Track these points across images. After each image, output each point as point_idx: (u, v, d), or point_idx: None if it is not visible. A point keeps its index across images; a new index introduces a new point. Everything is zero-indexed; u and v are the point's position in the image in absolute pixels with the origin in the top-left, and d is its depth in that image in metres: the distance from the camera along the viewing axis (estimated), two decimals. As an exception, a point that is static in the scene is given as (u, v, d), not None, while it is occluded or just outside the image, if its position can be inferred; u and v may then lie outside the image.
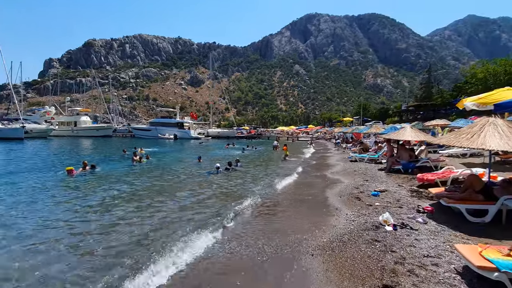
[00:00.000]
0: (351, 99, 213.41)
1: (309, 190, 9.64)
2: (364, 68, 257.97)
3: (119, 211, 7.20)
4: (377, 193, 8.10)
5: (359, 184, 9.78)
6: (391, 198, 7.78)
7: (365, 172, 12.51)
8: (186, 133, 50.93)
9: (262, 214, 7.08)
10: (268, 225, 6.21)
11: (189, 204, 7.98)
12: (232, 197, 8.72)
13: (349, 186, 9.65)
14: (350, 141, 31.63)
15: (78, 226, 6.10)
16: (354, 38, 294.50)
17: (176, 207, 7.56)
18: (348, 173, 12.63)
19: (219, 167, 13.52)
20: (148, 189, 9.94)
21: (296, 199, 8.56)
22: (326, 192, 9.09)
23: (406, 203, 7.31)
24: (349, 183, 10.27)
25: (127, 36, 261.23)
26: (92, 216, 6.84)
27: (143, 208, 7.47)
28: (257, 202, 8.10)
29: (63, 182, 11.18)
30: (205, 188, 10.14)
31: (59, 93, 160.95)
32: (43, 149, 29.10)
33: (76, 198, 8.53)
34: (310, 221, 6.29)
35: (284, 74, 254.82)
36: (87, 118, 55.78)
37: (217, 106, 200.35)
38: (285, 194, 9.31)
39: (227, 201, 8.17)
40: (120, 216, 6.76)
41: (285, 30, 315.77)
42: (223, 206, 7.61)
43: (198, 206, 7.75)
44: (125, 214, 6.91)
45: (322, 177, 12.25)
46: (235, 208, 7.34)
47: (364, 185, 9.66)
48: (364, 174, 11.95)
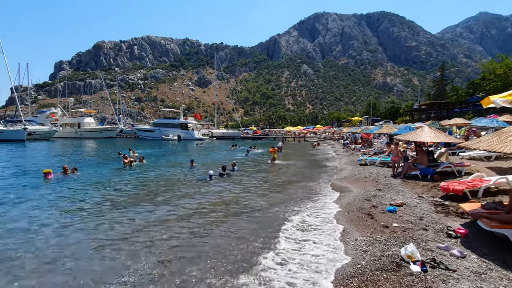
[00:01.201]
0: (360, 99, 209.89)
1: (310, 203, 8.16)
2: (373, 67, 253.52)
3: (58, 227, 5.90)
4: (394, 209, 6.57)
5: (370, 195, 8.24)
6: (412, 215, 6.26)
7: (377, 179, 10.94)
8: (189, 134, 49.82)
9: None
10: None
11: (140, 226, 6.46)
12: (211, 216, 7.30)
13: (358, 197, 8.13)
14: (359, 142, 29.89)
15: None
16: (363, 36, 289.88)
17: (123, 232, 5.96)
18: (358, 180, 11.07)
19: (212, 174, 12.14)
20: (117, 199, 8.62)
21: (291, 212, 7.11)
22: (329, 206, 7.60)
23: (431, 222, 5.79)
24: (359, 193, 8.74)
25: (136, 37, 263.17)
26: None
27: (88, 228, 6.14)
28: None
29: (27, 188, 9.97)
30: (183, 200, 8.77)
31: (69, 95, 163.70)
32: (39, 151, 28.32)
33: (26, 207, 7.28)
34: (307, 251, 4.85)
35: (291, 74, 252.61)
36: (91, 120, 55.29)
37: (224, 106, 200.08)
38: (279, 206, 7.86)
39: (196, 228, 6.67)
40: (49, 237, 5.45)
41: (293, 30, 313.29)
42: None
43: (147, 232, 6.05)
44: (61, 232, 5.61)
45: (326, 184, 10.76)
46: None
47: (377, 196, 8.12)
48: (376, 181, 10.38)
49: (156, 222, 6.53)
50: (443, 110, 48.49)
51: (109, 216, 6.97)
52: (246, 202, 8.26)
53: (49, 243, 5.34)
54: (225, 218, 6.83)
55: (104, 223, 6.48)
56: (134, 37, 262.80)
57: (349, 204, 7.50)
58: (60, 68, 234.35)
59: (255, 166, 16.76)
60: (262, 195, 9.10)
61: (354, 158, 19.09)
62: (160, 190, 10.09)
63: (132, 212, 7.27)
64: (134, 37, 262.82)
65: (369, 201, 7.56)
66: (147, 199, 8.67)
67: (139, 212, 7.32)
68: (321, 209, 7.39)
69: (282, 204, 7.97)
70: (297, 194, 9.09)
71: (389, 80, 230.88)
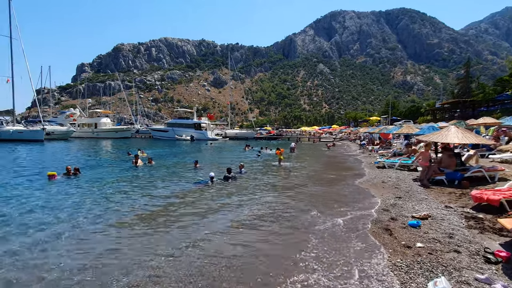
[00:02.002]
0: (378, 98, 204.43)
1: (316, 212, 7.27)
2: (392, 65, 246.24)
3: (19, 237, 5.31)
4: (417, 223, 5.59)
5: (389, 204, 7.25)
6: (439, 231, 5.27)
7: (396, 184, 9.86)
8: (203, 134, 49.58)
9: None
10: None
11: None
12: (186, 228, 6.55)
13: (376, 207, 7.16)
14: (377, 143, 28.44)
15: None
16: (381, 34, 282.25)
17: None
18: (375, 185, 10.03)
19: (213, 176, 11.41)
20: (107, 204, 8.04)
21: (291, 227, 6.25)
22: (339, 218, 6.68)
23: (463, 241, 4.80)
24: (376, 201, 7.76)
25: (153, 39, 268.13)
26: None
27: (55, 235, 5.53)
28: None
29: (31, 189, 9.61)
30: (170, 210, 8.08)
31: (90, 96, 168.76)
32: (53, 150, 28.66)
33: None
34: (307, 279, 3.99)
35: (307, 74, 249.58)
36: (107, 120, 56.23)
37: (239, 106, 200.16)
38: (280, 220, 7.01)
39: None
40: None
41: (309, 29, 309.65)
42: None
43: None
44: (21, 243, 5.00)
45: (337, 188, 9.79)
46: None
47: (397, 205, 7.12)
48: (396, 187, 9.33)
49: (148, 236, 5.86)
50: (468, 109, 45.75)
51: (79, 230, 6.37)
52: (247, 210, 7.46)
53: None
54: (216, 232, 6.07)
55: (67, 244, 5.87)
56: (152, 39, 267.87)
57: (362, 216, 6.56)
58: (82, 70, 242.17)
59: (265, 168, 15.94)
60: (266, 202, 8.28)
61: (371, 160, 17.91)
62: (158, 198, 9.47)
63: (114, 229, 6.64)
64: (152, 39, 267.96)
65: (387, 212, 6.59)
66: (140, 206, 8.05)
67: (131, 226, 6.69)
68: (330, 221, 6.49)
69: (287, 216, 7.12)
70: (303, 202, 8.20)
71: (409, 78, 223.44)
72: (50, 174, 12.31)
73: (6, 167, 15.70)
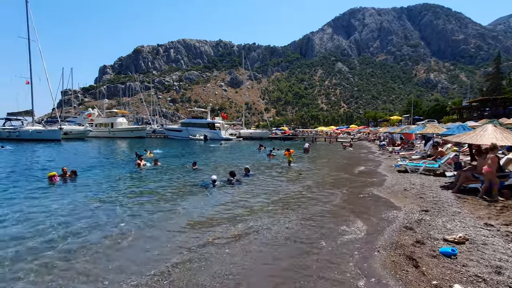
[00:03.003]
0: (399, 97, 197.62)
1: (324, 230, 6.06)
2: (414, 63, 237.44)
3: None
4: (452, 251, 4.27)
5: (413, 220, 5.93)
6: (483, 262, 3.97)
7: (421, 192, 8.45)
8: (216, 134, 48.99)
9: None
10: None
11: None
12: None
13: (396, 223, 5.87)
14: (398, 143, 26.55)
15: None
16: (403, 31, 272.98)
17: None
18: (395, 194, 8.65)
19: (215, 180, 10.42)
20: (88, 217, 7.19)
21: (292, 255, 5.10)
22: (350, 236, 5.45)
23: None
24: (396, 215, 6.46)
25: (172, 41, 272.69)
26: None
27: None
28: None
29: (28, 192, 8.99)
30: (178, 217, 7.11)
31: (111, 97, 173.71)
32: (64, 150, 28.76)
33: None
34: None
35: (325, 73, 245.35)
36: (123, 120, 56.93)
37: (256, 106, 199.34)
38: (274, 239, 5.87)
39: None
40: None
41: (327, 27, 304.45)
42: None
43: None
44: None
45: (348, 196, 8.51)
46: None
47: (423, 221, 5.80)
48: (421, 197, 7.93)
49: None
50: (499, 107, 42.47)
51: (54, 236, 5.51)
52: (241, 225, 6.39)
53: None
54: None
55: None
56: (171, 41, 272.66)
57: (381, 236, 5.30)
58: (104, 72, 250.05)
59: (274, 171, 14.79)
60: (267, 212, 7.16)
61: (391, 162, 16.34)
62: (156, 202, 8.57)
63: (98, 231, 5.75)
64: (170, 41, 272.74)
65: (411, 232, 5.29)
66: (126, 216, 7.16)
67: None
68: (338, 239, 5.29)
69: (277, 235, 5.96)
70: (304, 215, 6.99)
71: (432, 76, 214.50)
72: (51, 175, 11.79)
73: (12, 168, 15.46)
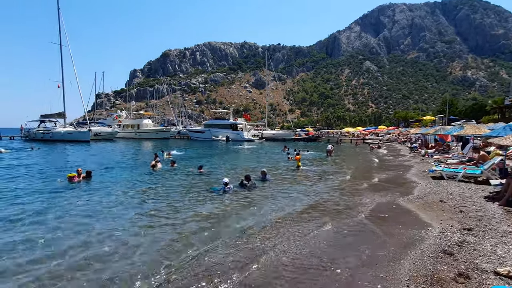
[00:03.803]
0: (432, 96, 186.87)
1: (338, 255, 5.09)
2: (449, 60, 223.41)
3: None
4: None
5: (452, 242, 4.80)
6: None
7: (461, 205, 7.16)
8: (239, 135, 48.63)
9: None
10: None
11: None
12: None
13: (429, 246, 4.77)
14: (432, 146, 24.46)
15: None
16: (436, 26, 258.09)
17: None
18: (429, 206, 7.41)
19: (227, 183, 9.71)
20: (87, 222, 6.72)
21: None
22: (360, 268, 4.44)
23: None
24: (431, 234, 5.33)
25: (198, 44, 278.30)
26: None
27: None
28: None
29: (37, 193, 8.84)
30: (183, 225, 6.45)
31: (141, 100, 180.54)
32: (93, 151, 29.56)
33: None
34: None
35: (352, 72, 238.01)
36: (148, 121, 58.39)
37: (280, 107, 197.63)
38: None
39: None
40: None
41: (354, 25, 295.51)
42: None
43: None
44: None
45: (368, 207, 7.38)
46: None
47: (466, 245, 4.66)
48: (461, 210, 6.67)
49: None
50: (550, 106, 38.27)
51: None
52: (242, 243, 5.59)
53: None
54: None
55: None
56: (197, 44, 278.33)
57: (412, 263, 4.25)
58: (134, 75, 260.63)
59: (290, 176, 13.84)
60: (270, 227, 6.30)
61: (424, 167, 14.76)
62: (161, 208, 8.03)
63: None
64: (196, 44, 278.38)
65: (451, 258, 4.20)
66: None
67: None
68: (356, 264, 4.31)
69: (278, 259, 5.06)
70: (310, 234, 6.02)
71: (469, 74, 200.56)
72: (71, 175, 11.74)
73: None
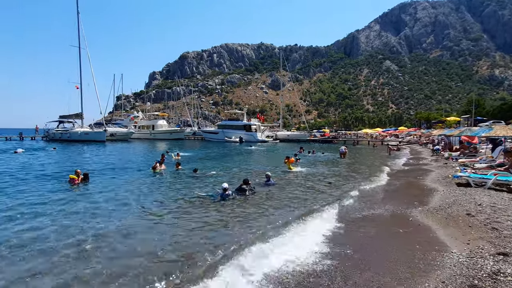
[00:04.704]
0: (457, 96, 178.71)
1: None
2: (475, 58, 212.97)
3: None
4: None
5: (485, 273, 3.75)
6: None
7: (494, 219, 5.98)
8: (252, 136, 47.92)
9: None
10: None
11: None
12: None
13: (453, 275, 3.74)
14: (456, 148, 22.68)
15: None
16: (461, 24, 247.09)
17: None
18: (453, 219, 6.28)
19: (226, 188, 8.90)
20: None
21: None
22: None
23: None
24: (456, 260, 4.28)
25: (215, 46, 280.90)
26: None
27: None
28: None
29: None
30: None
31: (159, 101, 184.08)
32: (107, 150, 29.71)
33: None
34: None
35: (372, 72, 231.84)
36: (163, 122, 58.86)
37: (297, 108, 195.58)
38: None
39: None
40: None
41: (374, 24, 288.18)
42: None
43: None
44: None
45: (371, 222, 6.32)
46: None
47: (501, 275, 3.61)
48: (494, 227, 5.52)
49: None
50: None
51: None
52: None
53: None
54: None
55: None
56: (214, 46, 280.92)
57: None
58: (153, 78, 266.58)
59: (299, 178, 12.88)
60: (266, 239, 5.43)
61: (447, 172, 13.37)
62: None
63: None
64: (213, 46, 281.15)
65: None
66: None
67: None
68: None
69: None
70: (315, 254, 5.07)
71: (497, 72, 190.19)
72: (72, 177, 11.35)
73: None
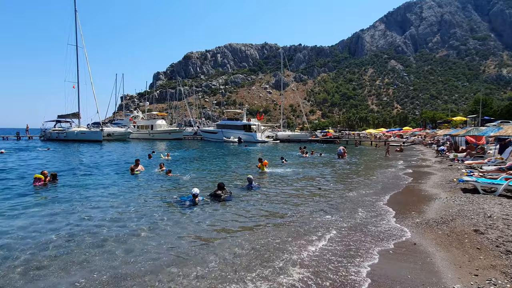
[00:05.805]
0: (463, 96, 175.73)
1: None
2: (483, 57, 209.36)
3: None
4: None
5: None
6: None
7: (506, 239, 4.80)
8: (251, 136, 46.72)
9: None
10: None
11: None
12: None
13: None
14: (462, 149, 21.32)
15: None
16: (468, 23, 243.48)
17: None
18: (457, 237, 5.11)
19: (196, 195, 7.83)
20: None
21: None
22: None
23: None
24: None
25: (219, 46, 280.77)
26: None
27: None
28: None
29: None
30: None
31: (163, 101, 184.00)
32: (102, 150, 28.83)
33: None
34: None
35: (376, 72, 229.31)
36: (162, 122, 57.94)
37: (301, 108, 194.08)
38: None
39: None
40: None
41: (379, 23, 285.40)
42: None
43: None
44: None
45: (375, 246, 5.19)
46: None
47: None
48: (509, 250, 4.35)
49: None
50: None
51: None
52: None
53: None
54: None
55: None
56: (218, 46, 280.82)
57: None
58: (157, 78, 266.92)
59: (286, 182, 11.75)
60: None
61: (451, 175, 12.11)
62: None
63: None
64: (217, 46, 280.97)
65: None
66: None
67: None
68: None
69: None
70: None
71: (505, 72, 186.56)
72: (38, 176, 10.38)
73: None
